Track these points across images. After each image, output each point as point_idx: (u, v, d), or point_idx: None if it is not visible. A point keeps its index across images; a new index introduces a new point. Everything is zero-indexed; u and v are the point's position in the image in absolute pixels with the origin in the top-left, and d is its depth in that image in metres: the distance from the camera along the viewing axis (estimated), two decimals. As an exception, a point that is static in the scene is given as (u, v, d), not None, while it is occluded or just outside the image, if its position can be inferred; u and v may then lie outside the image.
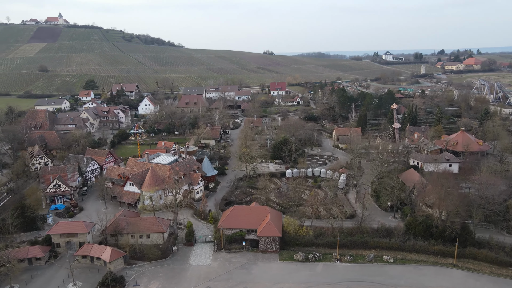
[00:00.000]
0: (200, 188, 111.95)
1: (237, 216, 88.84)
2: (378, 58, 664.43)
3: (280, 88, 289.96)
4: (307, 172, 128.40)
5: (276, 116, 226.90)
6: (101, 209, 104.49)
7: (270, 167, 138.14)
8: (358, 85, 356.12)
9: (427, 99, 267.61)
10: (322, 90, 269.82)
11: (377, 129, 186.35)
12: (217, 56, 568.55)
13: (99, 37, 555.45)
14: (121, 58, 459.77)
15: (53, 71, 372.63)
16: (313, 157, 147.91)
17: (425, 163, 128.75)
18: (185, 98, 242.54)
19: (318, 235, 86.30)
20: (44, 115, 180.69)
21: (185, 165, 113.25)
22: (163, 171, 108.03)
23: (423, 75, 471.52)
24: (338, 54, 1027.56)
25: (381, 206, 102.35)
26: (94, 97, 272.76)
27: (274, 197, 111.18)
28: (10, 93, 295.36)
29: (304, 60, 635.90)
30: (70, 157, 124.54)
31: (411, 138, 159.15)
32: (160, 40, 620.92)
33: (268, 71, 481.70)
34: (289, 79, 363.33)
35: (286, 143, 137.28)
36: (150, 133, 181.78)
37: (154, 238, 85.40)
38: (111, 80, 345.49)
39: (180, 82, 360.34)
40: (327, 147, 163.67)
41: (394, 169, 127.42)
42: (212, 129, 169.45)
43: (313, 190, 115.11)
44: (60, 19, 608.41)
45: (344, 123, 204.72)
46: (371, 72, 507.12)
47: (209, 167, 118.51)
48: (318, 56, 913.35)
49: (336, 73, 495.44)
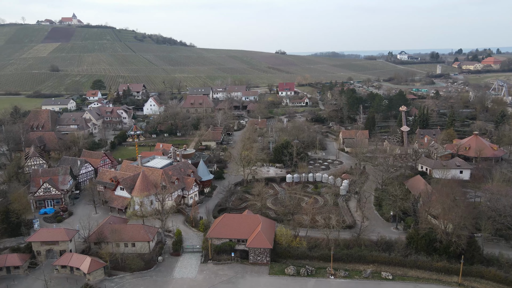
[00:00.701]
0: (194, 193, 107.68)
1: (227, 225, 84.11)
2: (392, 58, 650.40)
3: (289, 89, 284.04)
4: (308, 177, 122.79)
5: (282, 117, 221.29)
6: (91, 214, 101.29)
7: (270, 171, 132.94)
8: (370, 85, 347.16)
9: (441, 100, 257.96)
10: (331, 91, 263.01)
11: (386, 132, 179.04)
12: (228, 55, 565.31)
13: (112, 37, 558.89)
14: (131, 58, 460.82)
15: (64, 71, 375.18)
16: (316, 161, 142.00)
17: (434, 169, 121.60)
18: (190, 99, 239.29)
19: (312, 247, 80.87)
20: (47, 115, 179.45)
21: (179, 169, 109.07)
22: (156, 175, 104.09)
23: (439, 75, 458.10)
24: (353, 54, 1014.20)
25: (384, 215, 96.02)
26: (101, 97, 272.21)
27: (271, 204, 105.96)
28: (20, 92, 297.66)
29: (317, 60, 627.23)
30: (64, 159, 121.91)
31: (421, 142, 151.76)
32: (172, 40, 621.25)
33: (279, 71, 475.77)
34: (299, 79, 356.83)
35: (287, 146, 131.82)
36: (152, 134, 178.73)
37: (139, 247, 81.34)
38: (120, 80, 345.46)
39: (188, 82, 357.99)
40: (332, 151, 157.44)
41: (400, 175, 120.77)
42: (214, 131, 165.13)
43: (312, 197, 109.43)
44: (74, 20, 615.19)
45: (352, 125, 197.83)
46: (385, 72, 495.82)
47: (204, 171, 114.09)
48: (332, 55, 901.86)
49: (348, 73, 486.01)
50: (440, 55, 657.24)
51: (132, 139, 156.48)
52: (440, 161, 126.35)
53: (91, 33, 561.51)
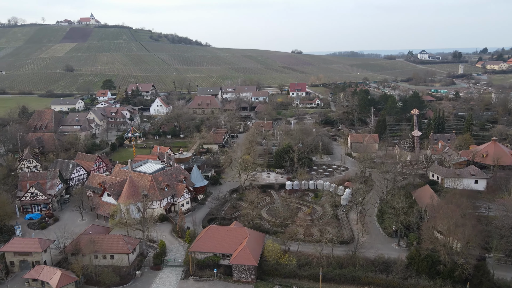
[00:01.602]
0: (186, 200, 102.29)
1: (212, 238, 78.29)
2: (412, 58, 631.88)
3: (300, 89, 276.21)
4: (309, 184, 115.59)
5: (291, 119, 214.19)
6: (77, 221, 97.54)
7: (270, 177, 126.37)
8: (385, 86, 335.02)
9: (460, 102, 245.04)
10: (343, 92, 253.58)
11: (399, 136, 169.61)
12: (243, 55, 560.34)
13: (128, 37, 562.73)
14: (146, 58, 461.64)
15: (78, 70, 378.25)
16: (320, 166, 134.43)
17: (446, 178, 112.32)
18: (197, 99, 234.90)
19: (302, 264, 74.03)
20: (50, 115, 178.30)
21: (170, 175, 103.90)
22: (145, 181, 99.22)
23: (461, 76, 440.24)
24: (372, 53, 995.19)
25: (386, 230, 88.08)
26: (111, 97, 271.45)
27: (265, 214, 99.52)
28: (32, 92, 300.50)
29: (333, 60, 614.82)
30: (57, 162, 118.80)
31: (434, 147, 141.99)
32: (187, 40, 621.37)
33: (293, 71, 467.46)
34: (312, 80, 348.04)
35: (288, 151, 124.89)
36: (155, 135, 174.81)
37: (118, 259, 76.42)
38: (132, 79, 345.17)
39: (200, 81, 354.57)
40: (339, 156, 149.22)
41: (408, 184, 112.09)
42: (216, 133, 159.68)
43: (311, 207, 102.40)
44: (92, 20, 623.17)
45: (363, 128, 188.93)
46: (404, 72, 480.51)
47: (198, 177, 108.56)
48: (351, 55, 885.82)
49: (366, 73, 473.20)
50: (463, 55, 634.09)
51: (129, 141, 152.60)
52: (453, 170, 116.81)
53: (107, 33, 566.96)
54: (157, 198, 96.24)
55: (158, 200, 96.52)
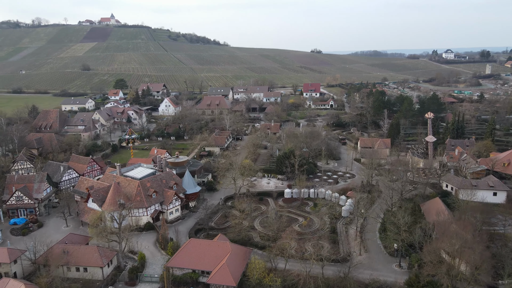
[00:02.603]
0: (175, 208, 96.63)
1: (192, 253, 72.20)
2: (437, 57, 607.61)
3: (314, 90, 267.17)
4: (310, 192, 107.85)
5: (302, 121, 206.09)
6: (61, 227, 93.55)
7: (270, 183, 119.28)
8: (405, 86, 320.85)
9: (485, 104, 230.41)
10: (359, 92, 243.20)
11: (414, 141, 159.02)
12: (260, 54, 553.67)
13: (146, 36, 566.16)
14: (162, 57, 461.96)
15: (94, 70, 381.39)
16: (324, 173, 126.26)
17: (461, 189, 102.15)
18: (207, 99, 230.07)
19: (288, 286, 66.76)
20: (55, 115, 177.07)
21: (159, 180, 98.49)
22: (132, 187, 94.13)
23: (488, 76, 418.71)
24: (396, 53, 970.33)
25: (387, 248, 79.50)
26: (122, 97, 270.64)
27: (258, 225, 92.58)
28: (48, 91, 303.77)
29: (354, 59, 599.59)
30: (49, 164, 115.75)
31: (451, 154, 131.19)
32: (205, 39, 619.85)
33: (311, 71, 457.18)
34: (329, 80, 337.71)
35: (289, 156, 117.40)
36: (158, 137, 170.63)
37: (91, 272, 71.39)
38: (146, 79, 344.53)
39: (214, 81, 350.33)
40: (347, 161, 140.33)
41: (418, 195, 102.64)
42: (219, 136, 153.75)
43: (308, 218, 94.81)
44: (112, 20, 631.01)
45: (376, 132, 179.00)
46: (427, 72, 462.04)
47: (190, 183, 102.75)
48: (374, 54, 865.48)
49: (386, 73, 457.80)
50: (492, 54, 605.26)
51: (126, 144, 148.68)
52: (469, 180, 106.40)
53: (127, 33, 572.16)
54: (143, 205, 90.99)
55: (145, 208, 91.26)
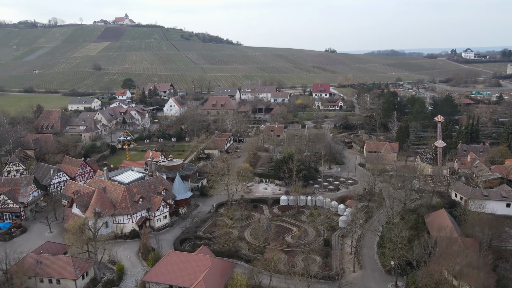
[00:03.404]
0: (163, 214, 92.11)
1: (170, 267, 67.32)
2: (455, 56, 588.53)
3: (323, 90, 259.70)
4: (307, 200, 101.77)
5: (309, 122, 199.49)
6: (45, 233, 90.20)
7: (268, 189, 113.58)
8: (420, 87, 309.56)
9: (504, 106, 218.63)
10: (370, 93, 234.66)
11: (424, 144, 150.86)
12: (273, 54, 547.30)
13: (159, 36, 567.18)
14: (174, 57, 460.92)
15: (105, 69, 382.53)
16: (325, 179, 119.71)
17: (471, 199, 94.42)
18: (212, 100, 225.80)
19: (270, 306, 61.22)
20: (57, 115, 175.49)
21: (147, 186, 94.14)
22: (117, 192, 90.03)
23: (509, 76, 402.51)
24: (414, 52, 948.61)
25: (385, 265, 72.86)
26: (130, 96, 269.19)
27: (248, 235, 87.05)
28: (58, 90, 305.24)
29: (369, 59, 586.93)
30: (40, 166, 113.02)
31: (462, 160, 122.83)
32: (218, 38, 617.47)
33: (323, 71, 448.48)
34: (340, 80, 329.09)
35: (287, 161, 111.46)
36: (159, 138, 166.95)
37: (64, 285, 67.35)
38: (155, 78, 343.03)
39: (223, 81, 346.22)
40: (352, 166, 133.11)
41: (423, 204, 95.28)
42: (219, 138, 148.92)
43: (302, 228, 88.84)
44: (126, 19, 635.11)
45: (385, 135, 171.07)
46: (444, 72, 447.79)
47: (180, 189, 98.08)
48: (391, 54, 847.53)
49: (402, 73, 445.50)
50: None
51: (121, 146, 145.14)
52: (480, 189, 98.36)
53: (140, 32, 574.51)
54: (128, 212, 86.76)
55: (130, 215, 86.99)
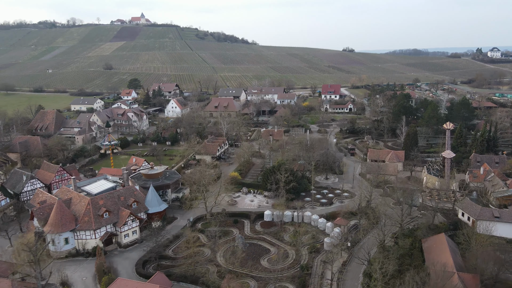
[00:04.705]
0: (132, 229, 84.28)
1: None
2: (481, 56, 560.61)
3: (333, 92, 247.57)
4: (293, 216, 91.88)
5: (314, 126, 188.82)
6: (4, 247, 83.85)
7: (255, 201, 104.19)
8: (439, 88, 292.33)
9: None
10: (382, 95, 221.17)
11: (435, 153, 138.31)
12: (288, 53, 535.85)
13: (174, 35, 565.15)
14: (186, 56, 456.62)
15: (116, 69, 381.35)
16: (319, 191, 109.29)
17: (479, 220, 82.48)
18: (215, 101, 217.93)
19: None
20: (52, 117, 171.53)
21: (117, 197, 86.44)
22: (82, 205, 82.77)
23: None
24: (439, 51, 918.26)
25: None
26: (135, 97, 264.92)
27: (221, 257, 77.94)
28: (66, 90, 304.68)
29: (388, 58, 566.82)
30: (15, 172, 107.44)
31: (474, 172, 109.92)
32: (233, 38, 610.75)
33: (338, 71, 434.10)
34: (353, 81, 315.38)
35: (274, 172, 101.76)
36: (153, 142, 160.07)
37: (1, 312, 60.23)
38: (164, 78, 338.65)
39: (232, 81, 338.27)
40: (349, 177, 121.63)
41: (424, 224, 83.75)
42: (212, 142, 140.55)
43: (281, 250, 79.05)
44: (142, 19, 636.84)
45: (394, 141, 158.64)
46: (467, 73, 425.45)
47: (153, 201, 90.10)
48: (413, 53, 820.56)
49: (421, 73, 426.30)
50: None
51: (105, 151, 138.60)
52: (491, 209, 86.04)
53: (155, 32, 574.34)
54: (90, 227, 79.33)
55: (92, 230, 79.55)
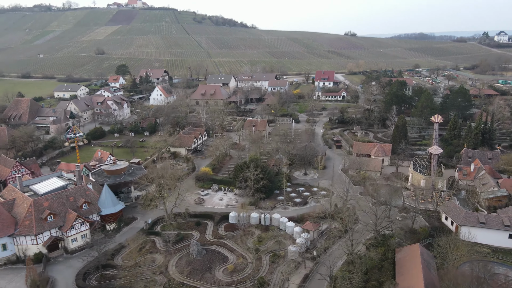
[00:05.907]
0: (80, 233, 77.15)
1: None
2: (487, 40, 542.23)
3: (327, 78, 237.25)
4: (260, 218, 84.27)
5: (303, 115, 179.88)
6: None
7: (224, 200, 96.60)
8: (439, 74, 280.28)
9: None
10: (377, 82, 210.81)
11: (426, 145, 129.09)
12: (288, 38, 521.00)
13: (171, 19, 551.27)
14: (181, 41, 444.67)
15: (108, 54, 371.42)
16: (295, 188, 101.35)
17: (463, 226, 74.52)
18: (201, 88, 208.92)
19: None
20: (26, 105, 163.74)
21: (65, 198, 79.03)
22: (24, 206, 75.54)
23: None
24: (445, 35, 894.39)
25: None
26: (122, 83, 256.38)
27: (174, 265, 70.69)
28: (54, 76, 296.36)
29: (391, 43, 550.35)
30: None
31: (464, 169, 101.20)
32: (231, 21, 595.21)
33: (338, 56, 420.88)
34: (350, 66, 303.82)
35: (243, 168, 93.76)
36: (131, 132, 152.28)
37: None
38: (156, 64, 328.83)
39: (226, 67, 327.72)
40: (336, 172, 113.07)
41: (400, 231, 75.68)
42: (188, 134, 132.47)
43: (240, 258, 71.60)
44: (139, 2, 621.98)
45: (385, 132, 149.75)
46: (472, 58, 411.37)
47: (107, 201, 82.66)
48: (419, 37, 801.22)
49: (424, 59, 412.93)
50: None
51: (69, 144, 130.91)
52: (476, 214, 77.67)
53: (151, 15, 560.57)
54: (31, 231, 72.20)
55: (33, 235, 72.46)
